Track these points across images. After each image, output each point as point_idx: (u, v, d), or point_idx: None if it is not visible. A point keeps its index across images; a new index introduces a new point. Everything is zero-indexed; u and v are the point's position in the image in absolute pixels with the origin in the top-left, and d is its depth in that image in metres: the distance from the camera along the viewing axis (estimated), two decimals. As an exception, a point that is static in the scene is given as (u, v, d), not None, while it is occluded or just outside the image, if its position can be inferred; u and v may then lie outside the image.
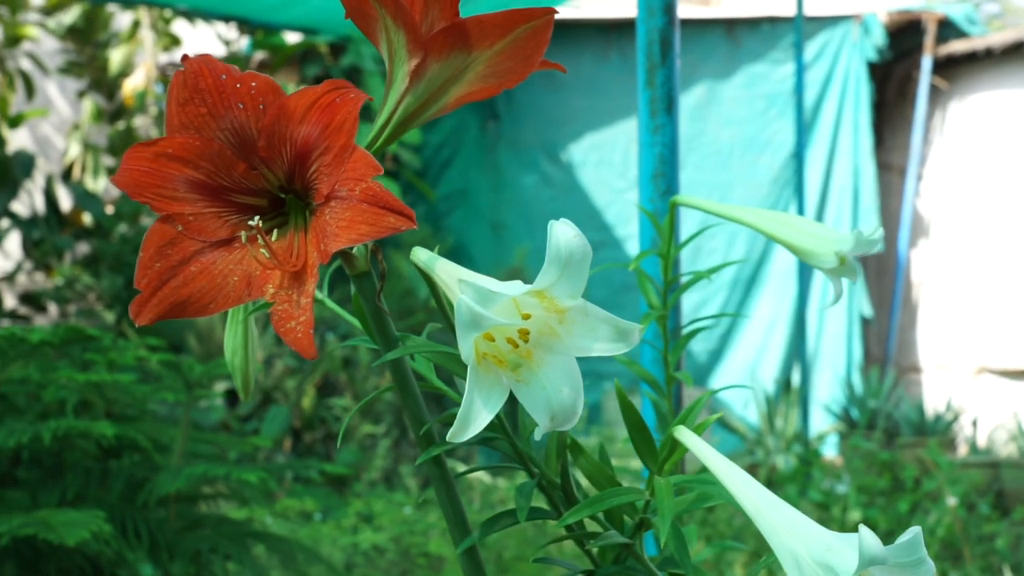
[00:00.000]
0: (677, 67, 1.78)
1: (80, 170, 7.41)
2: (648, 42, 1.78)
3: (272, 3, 6.55)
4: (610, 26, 7.57)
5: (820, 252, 1.20)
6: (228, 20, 7.06)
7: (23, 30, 7.18)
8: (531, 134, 7.63)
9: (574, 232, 0.82)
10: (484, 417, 0.84)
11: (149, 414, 2.92)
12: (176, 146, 0.87)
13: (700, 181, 7.69)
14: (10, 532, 2.19)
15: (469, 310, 0.79)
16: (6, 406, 2.90)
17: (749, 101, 7.79)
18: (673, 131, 1.77)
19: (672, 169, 1.77)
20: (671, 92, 1.77)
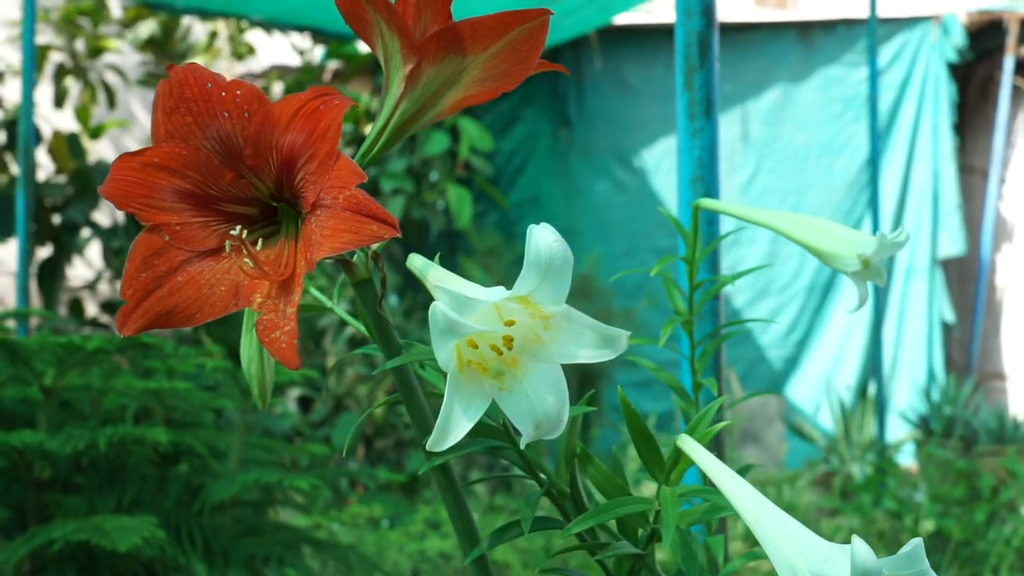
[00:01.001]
0: (716, 70, 1.75)
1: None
2: (686, 44, 1.75)
3: (344, 13, 6.60)
4: (682, 31, 7.51)
5: (842, 255, 1.17)
6: (302, 30, 7.12)
7: (104, 42, 7.31)
8: (603, 140, 7.60)
9: (554, 237, 0.80)
10: (464, 426, 0.83)
11: (208, 421, 2.95)
12: (163, 155, 0.87)
13: (775, 186, 7.61)
14: (64, 537, 2.22)
15: (444, 317, 0.77)
16: (70, 412, 2.95)
17: (825, 104, 7.69)
18: (712, 135, 1.74)
19: (711, 173, 1.74)
20: (710, 95, 1.74)
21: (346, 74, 7.68)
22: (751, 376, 7.49)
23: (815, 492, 5.66)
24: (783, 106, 7.68)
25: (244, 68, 8.44)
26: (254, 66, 8.48)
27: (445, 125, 7.02)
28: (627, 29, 7.49)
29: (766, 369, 7.57)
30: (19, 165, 4.59)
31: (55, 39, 7.35)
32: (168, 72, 0.87)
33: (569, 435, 1.09)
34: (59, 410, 2.90)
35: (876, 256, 1.17)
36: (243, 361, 1.20)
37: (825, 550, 0.87)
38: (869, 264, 1.18)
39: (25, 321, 4.36)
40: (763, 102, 7.69)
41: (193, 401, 2.75)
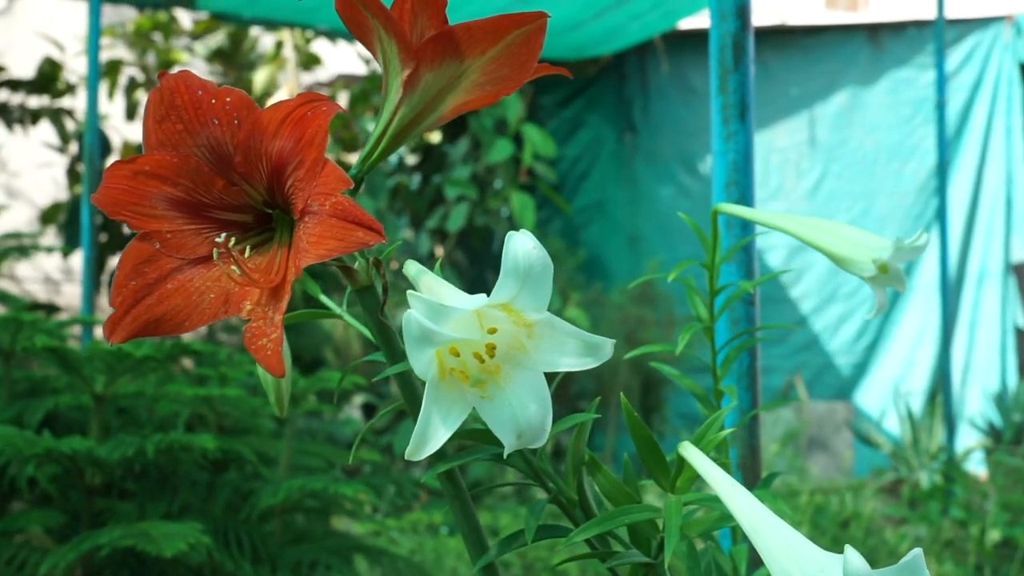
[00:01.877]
0: (751, 73, 1.73)
1: (226, 189, 7.60)
2: (720, 47, 1.73)
3: (408, 21, 6.63)
4: (748, 34, 7.45)
5: (858, 260, 1.15)
6: (367, 39, 7.15)
7: (174, 55, 7.41)
8: (668, 145, 7.56)
9: (533, 243, 0.80)
10: (442, 435, 0.82)
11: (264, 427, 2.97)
12: (154, 163, 0.88)
13: (843, 191, 7.52)
14: (111, 543, 2.25)
15: (419, 325, 0.77)
16: (127, 419, 2.99)
17: (894, 107, 7.59)
18: (746, 138, 1.72)
19: (746, 177, 1.72)
20: (744, 98, 1.72)
21: (411, 82, 7.70)
22: (819, 383, 7.41)
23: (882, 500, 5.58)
24: (851, 109, 7.59)
25: (312, 78, 8.52)
26: (321, 75, 8.55)
27: (508, 132, 7.03)
28: (693, 34, 7.44)
29: (834, 375, 7.48)
30: (84, 176, 4.66)
31: (127, 53, 7.46)
32: (159, 80, 0.88)
33: (577, 442, 1.08)
34: (115, 417, 2.94)
35: (895, 260, 1.15)
36: (259, 369, 1.21)
37: (822, 560, 0.85)
38: (887, 269, 1.16)
39: (90, 329, 4.43)
40: (831, 106, 7.60)
41: (243, 408, 2.78)
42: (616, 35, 6.89)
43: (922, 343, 7.37)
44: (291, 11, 6.57)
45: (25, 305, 4.01)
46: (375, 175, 7.25)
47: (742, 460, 1.66)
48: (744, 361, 1.68)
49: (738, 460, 1.66)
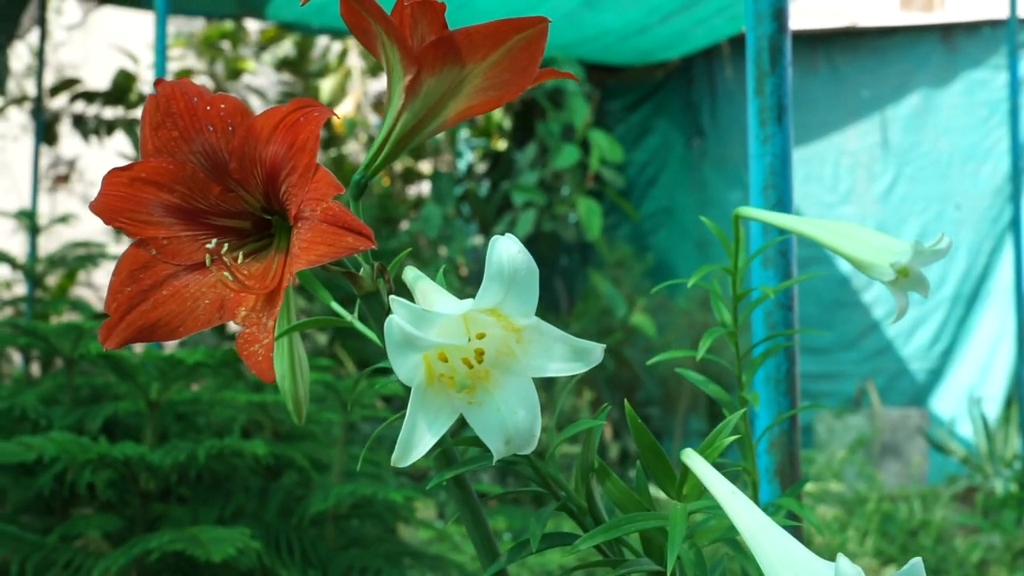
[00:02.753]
0: (788, 75, 1.71)
1: (296, 197, 7.68)
2: (757, 49, 1.71)
3: (472, 28, 6.65)
4: (817, 37, 7.38)
5: (877, 264, 1.13)
6: (434, 47, 7.18)
7: (242, 64, 7.50)
8: (737, 150, 7.49)
9: (518, 248, 0.79)
10: (428, 441, 0.82)
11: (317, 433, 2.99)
12: (150, 170, 0.88)
13: (916, 194, 7.41)
14: (160, 547, 2.27)
15: (400, 331, 0.76)
16: (186, 425, 3.02)
17: (969, 109, 7.46)
18: (784, 141, 1.70)
19: (783, 180, 1.70)
20: (781, 100, 1.70)
21: (479, 89, 7.72)
22: (893, 389, 7.30)
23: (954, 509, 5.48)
24: (924, 111, 7.48)
25: (379, 85, 8.57)
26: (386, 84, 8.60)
27: (576, 138, 7.02)
28: (762, 37, 7.37)
29: (908, 381, 7.37)
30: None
31: (197, 63, 7.57)
32: (155, 87, 0.88)
33: (586, 449, 1.07)
34: (175, 423, 2.98)
35: (916, 264, 1.13)
36: (277, 376, 1.21)
37: (818, 568, 0.84)
38: (908, 273, 1.13)
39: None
40: (903, 108, 7.49)
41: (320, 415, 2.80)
42: (683, 39, 6.86)
43: (999, 349, 7.24)
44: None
45: (94, 313, 4.08)
46: (442, 181, 7.28)
47: (780, 467, 1.64)
48: (782, 366, 1.67)
49: (776, 467, 1.64)
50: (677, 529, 0.96)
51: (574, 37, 6.80)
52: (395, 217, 7.38)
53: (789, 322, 1.68)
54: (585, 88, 7.15)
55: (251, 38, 7.64)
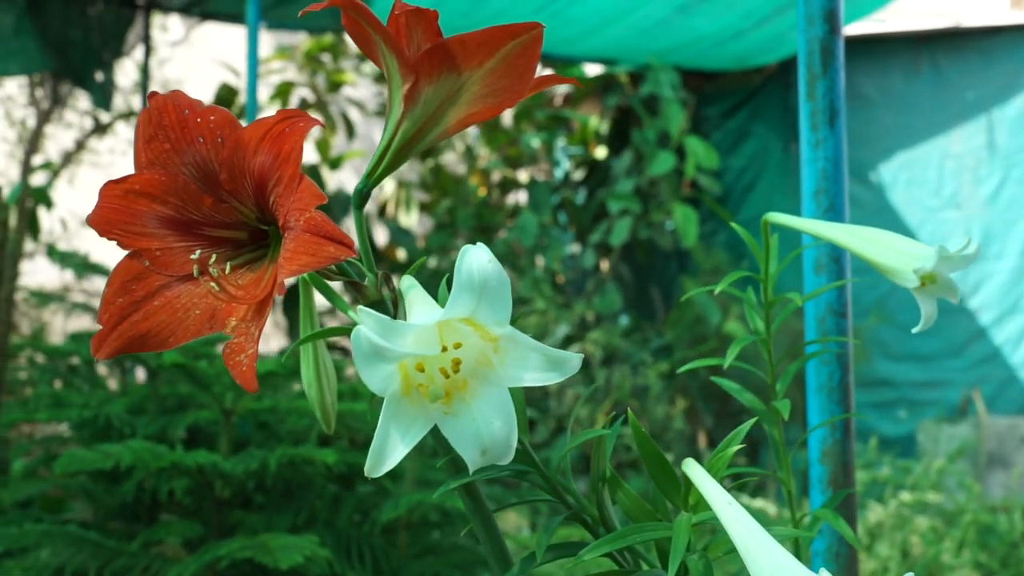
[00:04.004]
0: (840, 78, 1.67)
1: (394, 206, 7.74)
2: (808, 52, 1.68)
3: (569, 35, 6.65)
4: (920, 38, 7.24)
5: (900, 270, 1.10)
6: (528, 55, 7.19)
7: (343, 76, 7.59)
8: (837, 154, 7.36)
9: (488, 257, 0.78)
10: (400, 451, 0.81)
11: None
12: (143, 182, 0.89)
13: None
14: (230, 554, 2.30)
15: (368, 342, 0.76)
16: (268, 433, 3.06)
17: (1081, 109, 7.26)
18: (836, 145, 1.66)
19: (835, 185, 1.66)
20: (833, 104, 1.67)
21: (575, 97, 7.73)
22: (1001, 397, 7.11)
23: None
24: (1032, 113, 7.29)
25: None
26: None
27: (671, 144, 6.97)
28: (860, 39, 7.25)
29: (1018, 390, 7.17)
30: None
31: (298, 75, 7.67)
32: (149, 101, 0.90)
33: (597, 458, 1.06)
34: (257, 431, 3.02)
35: (943, 270, 1.10)
36: (304, 385, 1.22)
37: (807, 583, 0.82)
38: (936, 279, 1.10)
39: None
40: (1011, 109, 7.31)
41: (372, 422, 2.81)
42: (779, 43, 6.77)
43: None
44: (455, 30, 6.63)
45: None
46: (539, 189, 7.28)
47: (833, 477, 1.61)
48: (835, 375, 1.63)
49: (829, 477, 1.61)
50: (680, 539, 0.94)
51: (668, 43, 6.76)
52: (491, 226, 7.40)
53: (843, 329, 1.64)
54: (681, 94, 7.10)
55: (351, 51, 7.72)
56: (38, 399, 3.18)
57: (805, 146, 1.68)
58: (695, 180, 7.06)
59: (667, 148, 6.98)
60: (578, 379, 6.10)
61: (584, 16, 6.34)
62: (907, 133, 7.19)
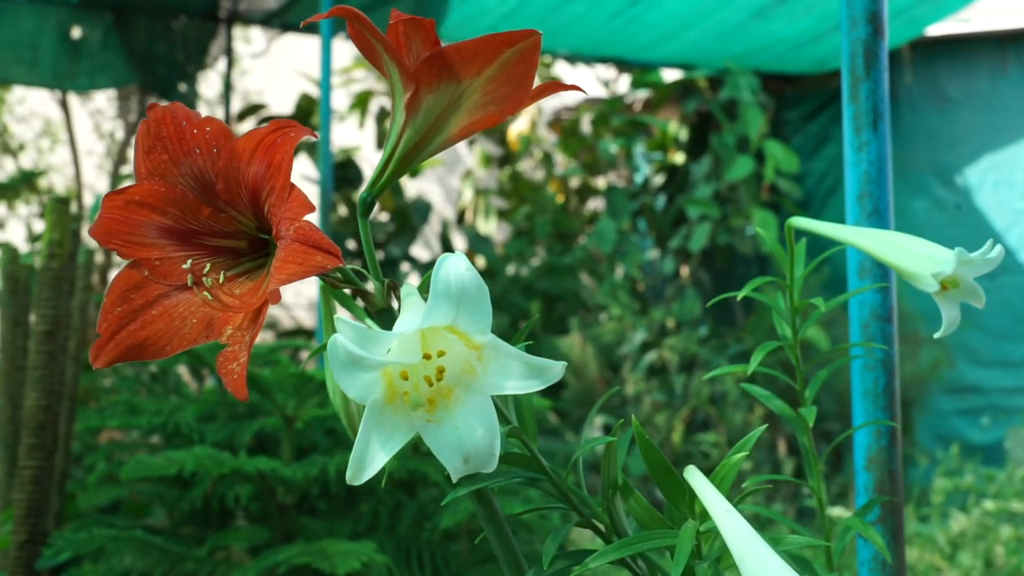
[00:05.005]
0: (884, 80, 1.65)
1: (472, 214, 7.77)
2: (851, 54, 1.66)
3: (647, 40, 6.63)
4: (1006, 38, 7.09)
5: (920, 274, 1.08)
6: (606, 61, 7.19)
7: (421, 85, 7.64)
8: (921, 157, 7.24)
9: (466, 265, 0.78)
10: (381, 459, 0.81)
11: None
12: (143, 193, 0.91)
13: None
14: (288, 560, 2.32)
15: (344, 351, 0.76)
16: (335, 440, 3.09)
17: None
18: (880, 148, 1.64)
19: (879, 188, 1.64)
20: (877, 106, 1.64)
21: (654, 102, 7.69)
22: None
23: None
24: None
25: (557, 102, 8.61)
26: (567, 99, 8.63)
27: (750, 149, 6.91)
28: (944, 40, 7.13)
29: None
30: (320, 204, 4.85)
31: (377, 84, 7.73)
32: (147, 112, 0.91)
33: (608, 466, 1.06)
34: (324, 437, 3.04)
35: (966, 274, 1.07)
36: (329, 392, 1.23)
37: (798, 594, 0.80)
38: (958, 283, 1.08)
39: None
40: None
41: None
42: (859, 46, 6.67)
43: None
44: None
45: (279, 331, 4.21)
46: (617, 196, 7.26)
47: (879, 484, 1.58)
48: (880, 380, 1.61)
49: (875, 484, 1.58)
50: (684, 546, 0.94)
51: (747, 47, 6.71)
52: (570, 233, 7.40)
53: (888, 334, 1.62)
54: (760, 98, 7.03)
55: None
56: (113, 406, 3.24)
57: (848, 149, 1.66)
58: (775, 184, 6.99)
59: (746, 153, 6.92)
60: (656, 386, 6.07)
61: (660, 21, 6.32)
62: (993, 134, 7.05)
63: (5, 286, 3.00)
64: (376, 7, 6.17)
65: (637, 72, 7.37)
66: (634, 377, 6.08)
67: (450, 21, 6.20)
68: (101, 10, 6.83)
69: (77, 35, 6.95)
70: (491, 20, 6.28)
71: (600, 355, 6.29)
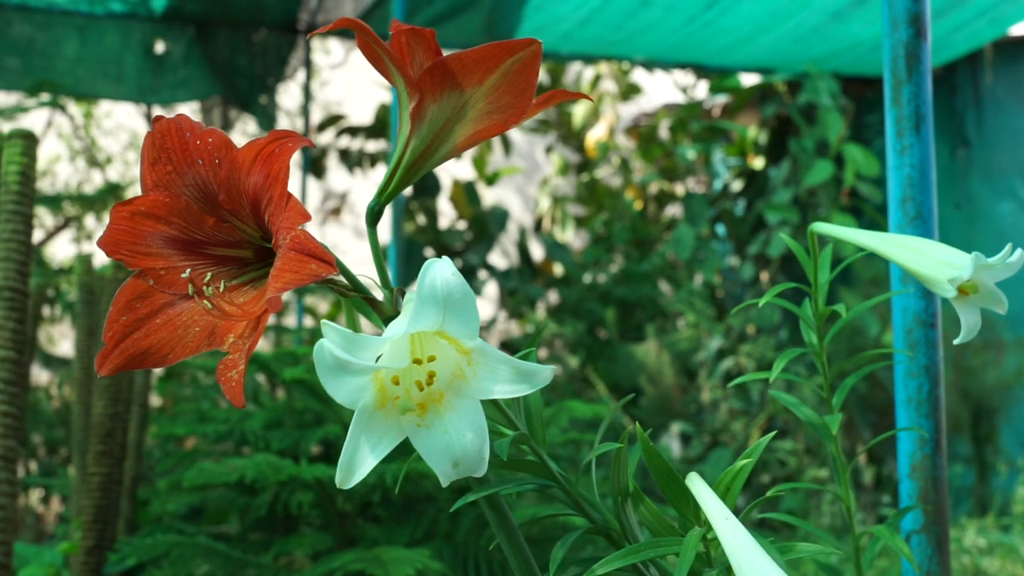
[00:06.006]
0: (927, 84, 1.62)
1: (550, 221, 7.78)
2: (893, 57, 1.64)
3: (723, 45, 6.59)
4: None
5: (937, 279, 1.06)
6: (683, 67, 7.16)
7: (498, 93, 7.67)
8: (1006, 158, 7.10)
9: (452, 270, 0.79)
10: (370, 463, 0.82)
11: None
12: (148, 204, 0.92)
13: None
14: (343, 567, 2.34)
15: (331, 355, 0.77)
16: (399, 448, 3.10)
17: None
18: (922, 152, 1.61)
19: (922, 193, 1.61)
20: (919, 110, 1.62)
21: (732, 107, 7.64)
22: None
23: None
24: None
25: (636, 108, 8.58)
26: (645, 105, 8.61)
27: (830, 153, 6.83)
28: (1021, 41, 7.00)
29: None
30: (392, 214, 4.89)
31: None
32: (153, 125, 0.93)
33: (618, 473, 1.05)
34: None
35: (986, 279, 1.05)
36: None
37: (788, 603, 0.80)
38: (978, 288, 1.06)
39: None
40: None
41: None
42: (942, 47, 6.57)
43: None
44: (607, 44, 6.66)
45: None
46: (696, 202, 7.21)
47: (923, 493, 1.56)
48: (924, 387, 1.58)
49: (919, 492, 1.56)
50: (687, 553, 0.93)
51: (825, 50, 6.64)
52: (647, 239, 7.37)
53: (931, 340, 1.59)
54: (840, 102, 6.95)
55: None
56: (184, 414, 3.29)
57: (891, 153, 1.65)
58: (855, 189, 6.90)
59: (825, 157, 6.84)
60: (732, 393, 6.03)
61: (737, 26, 6.27)
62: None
63: (81, 296, 3.06)
64: (450, 17, 6.22)
65: (715, 77, 7.32)
66: (710, 384, 6.03)
67: (524, 29, 6.22)
68: (183, 24, 6.95)
69: (160, 50, 7.08)
70: (566, 27, 6.29)
71: (676, 362, 6.26)
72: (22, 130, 2.09)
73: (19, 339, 2.00)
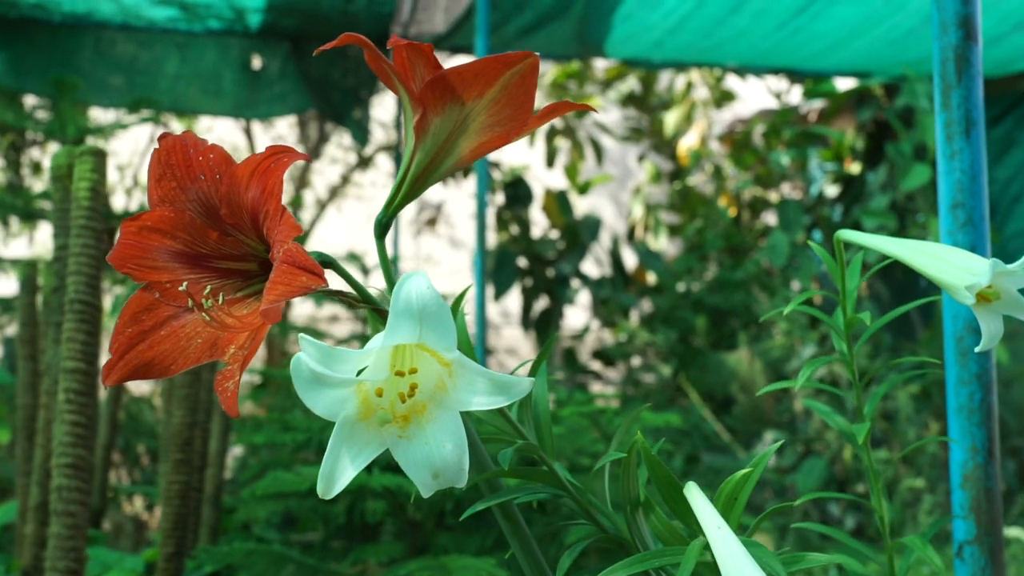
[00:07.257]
0: (977, 87, 1.60)
1: (643, 230, 7.75)
2: (942, 60, 1.62)
3: (816, 50, 6.51)
4: None
5: (956, 285, 1.05)
6: (776, 72, 7.09)
7: (588, 101, 7.68)
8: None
9: (427, 284, 0.80)
10: (350, 473, 0.83)
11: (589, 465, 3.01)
12: (154, 219, 0.95)
13: None
14: (409, 574, 2.36)
15: (308, 369, 0.78)
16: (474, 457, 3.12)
17: None
18: (973, 156, 1.59)
19: (973, 198, 1.59)
20: (969, 114, 1.59)
21: (828, 112, 7.55)
22: None
23: None
24: None
25: (731, 114, 8.52)
26: (740, 111, 8.54)
27: (928, 157, 6.70)
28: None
29: None
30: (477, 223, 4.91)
31: (544, 102, 7.80)
32: (159, 142, 0.95)
33: (627, 481, 1.05)
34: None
35: (1007, 286, 1.03)
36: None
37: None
38: (999, 295, 1.04)
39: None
40: None
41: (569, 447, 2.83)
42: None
43: None
44: (698, 51, 6.62)
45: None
46: (791, 208, 7.13)
47: (975, 503, 1.53)
48: (975, 395, 1.55)
49: (971, 503, 1.53)
50: (688, 562, 0.93)
51: (922, 53, 6.52)
52: (742, 247, 7.31)
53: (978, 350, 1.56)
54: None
55: (597, 76, 7.78)
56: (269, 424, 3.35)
57: (941, 158, 1.62)
58: (954, 193, 6.75)
59: (924, 161, 6.71)
60: (825, 400, 5.94)
61: (829, 30, 6.19)
62: None
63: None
64: (540, 27, 6.24)
65: (809, 82, 7.24)
66: (802, 392, 5.95)
67: (614, 38, 6.22)
68: (279, 40, 7.07)
69: (257, 65, 7.20)
70: (656, 35, 6.27)
71: (768, 371, 6.19)
72: (92, 147, 2.14)
73: (90, 351, 2.05)
